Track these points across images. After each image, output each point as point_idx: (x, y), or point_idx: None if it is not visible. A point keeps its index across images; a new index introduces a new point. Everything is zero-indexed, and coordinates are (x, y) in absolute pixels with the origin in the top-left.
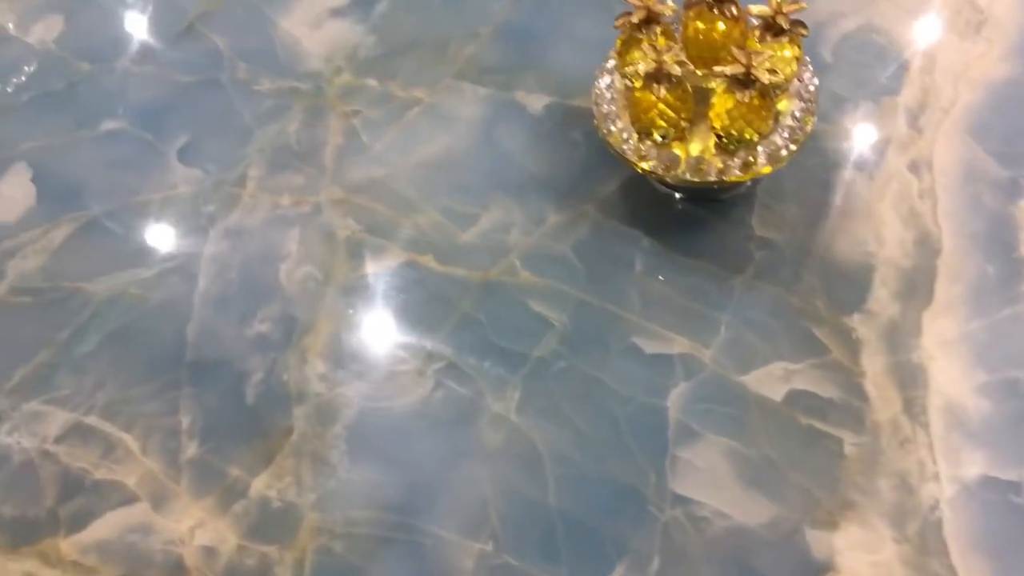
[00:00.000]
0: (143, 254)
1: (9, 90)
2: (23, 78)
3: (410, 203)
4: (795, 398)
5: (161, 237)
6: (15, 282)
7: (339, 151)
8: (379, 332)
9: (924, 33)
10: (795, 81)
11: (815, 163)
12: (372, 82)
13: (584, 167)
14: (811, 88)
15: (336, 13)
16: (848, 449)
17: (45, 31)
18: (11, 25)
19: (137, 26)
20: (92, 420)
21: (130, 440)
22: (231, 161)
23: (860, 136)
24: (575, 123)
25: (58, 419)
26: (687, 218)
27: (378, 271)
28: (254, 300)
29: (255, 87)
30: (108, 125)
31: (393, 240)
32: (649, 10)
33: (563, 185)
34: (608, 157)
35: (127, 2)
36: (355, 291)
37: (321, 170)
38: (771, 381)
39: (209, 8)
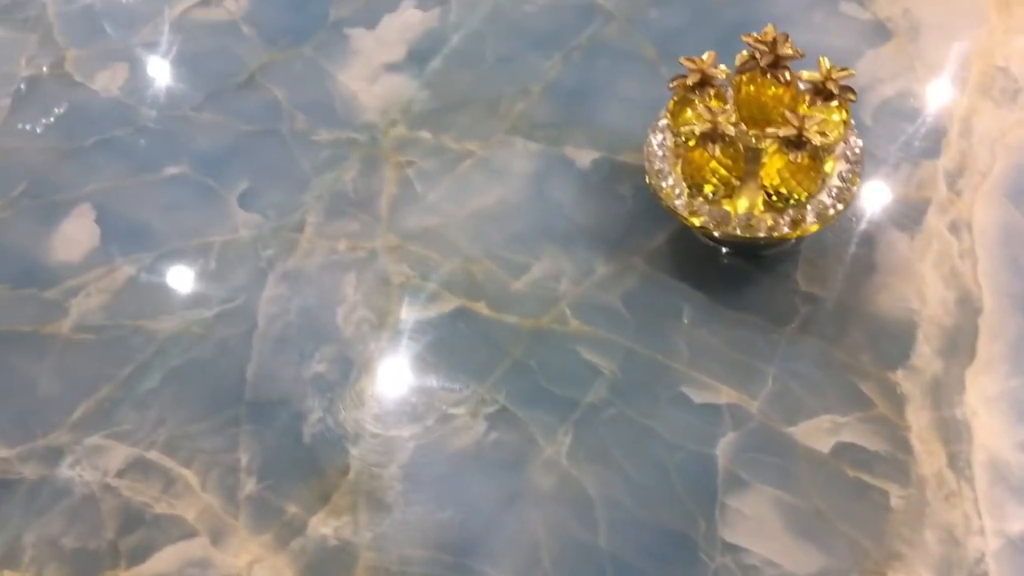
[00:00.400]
0: (204, 295)
1: (75, 135)
2: (89, 123)
3: (463, 252)
4: (842, 450)
5: (222, 279)
6: (78, 320)
7: (394, 200)
8: (433, 375)
9: (961, 100)
10: (841, 143)
11: (858, 222)
12: (426, 135)
13: (631, 220)
14: (856, 150)
15: (392, 68)
16: (895, 501)
17: (110, 79)
18: (77, 73)
19: (200, 76)
20: (153, 455)
21: (190, 476)
22: (290, 207)
23: (901, 198)
24: (622, 178)
25: (120, 453)
26: (733, 272)
27: (432, 316)
28: (311, 342)
29: (313, 137)
30: (171, 170)
31: (447, 287)
32: (703, 73)
33: (611, 237)
34: (655, 211)
35: (190, 53)
36: (409, 335)
37: (376, 218)
38: (818, 433)
39: (269, 61)
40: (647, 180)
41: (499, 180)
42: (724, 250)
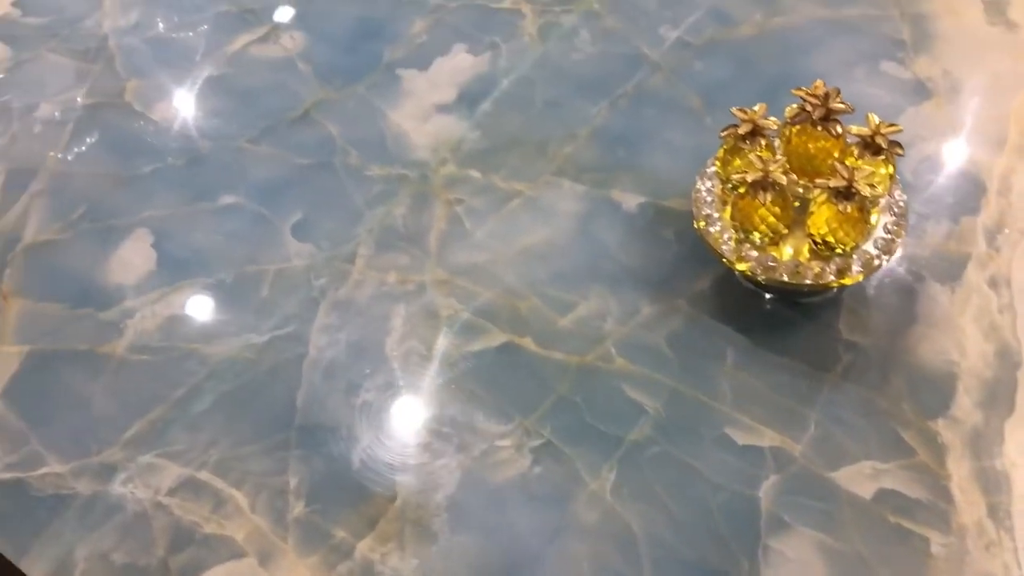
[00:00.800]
0: (256, 321)
1: (133, 162)
2: (147, 151)
3: (510, 288)
4: (884, 497)
5: (274, 306)
6: (133, 341)
7: (443, 235)
8: (479, 407)
9: (999, 159)
10: (887, 196)
11: (899, 274)
12: (475, 174)
13: (676, 263)
14: (901, 204)
15: (442, 109)
16: (935, 549)
17: (169, 109)
18: (137, 102)
19: (256, 110)
20: (204, 475)
21: (240, 497)
22: (342, 239)
23: (941, 252)
24: (667, 222)
25: (172, 472)
26: (775, 317)
27: (479, 349)
28: (361, 370)
29: (365, 172)
30: (226, 199)
31: (494, 321)
32: (754, 123)
33: (656, 279)
34: (699, 255)
35: (247, 88)
36: (457, 367)
37: (426, 252)
38: (860, 479)
39: (324, 98)
40: (695, 225)
41: (546, 220)
42: (767, 296)
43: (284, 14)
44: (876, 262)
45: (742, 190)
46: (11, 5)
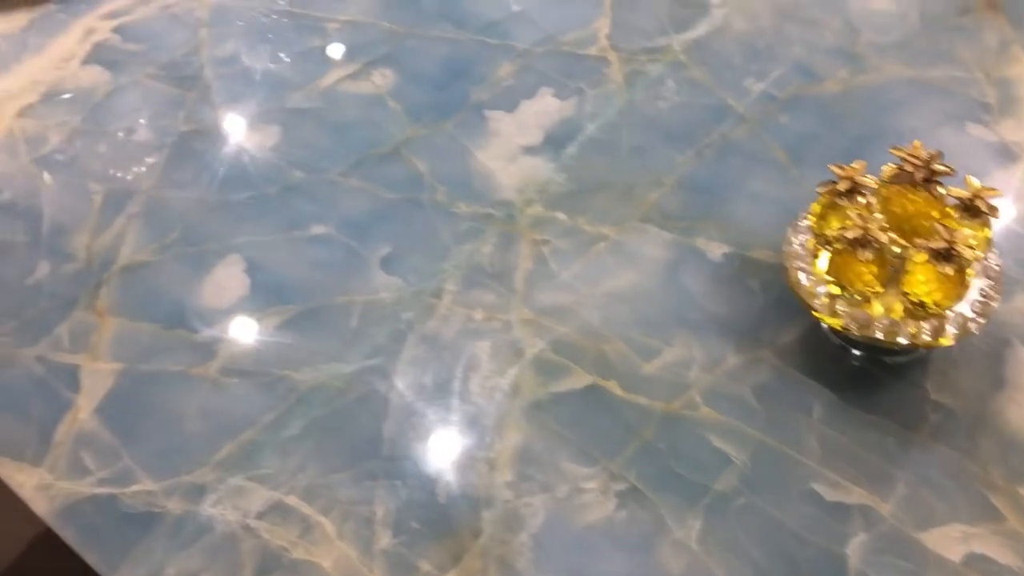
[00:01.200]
0: (345, 351)
1: (227, 189)
2: (240, 180)
3: (596, 330)
4: (973, 561)
5: (362, 337)
6: (225, 363)
7: (529, 275)
8: (564, 448)
9: None
10: (983, 259)
11: (989, 337)
12: (561, 216)
13: (762, 314)
14: (996, 267)
15: (529, 151)
16: None
17: (263, 139)
18: (231, 131)
19: (347, 144)
20: (292, 500)
21: (327, 524)
22: (429, 274)
23: None
24: (753, 273)
25: (260, 496)
26: (863, 374)
27: (564, 390)
28: (446, 405)
29: (453, 209)
30: (317, 229)
31: (579, 363)
32: (853, 181)
33: (741, 329)
34: (786, 307)
35: (338, 122)
36: (542, 407)
37: (512, 291)
38: (949, 542)
39: (413, 135)
40: (787, 277)
41: (632, 264)
42: (855, 352)
43: (375, 52)
44: (971, 325)
45: (840, 246)
46: (111, 31)
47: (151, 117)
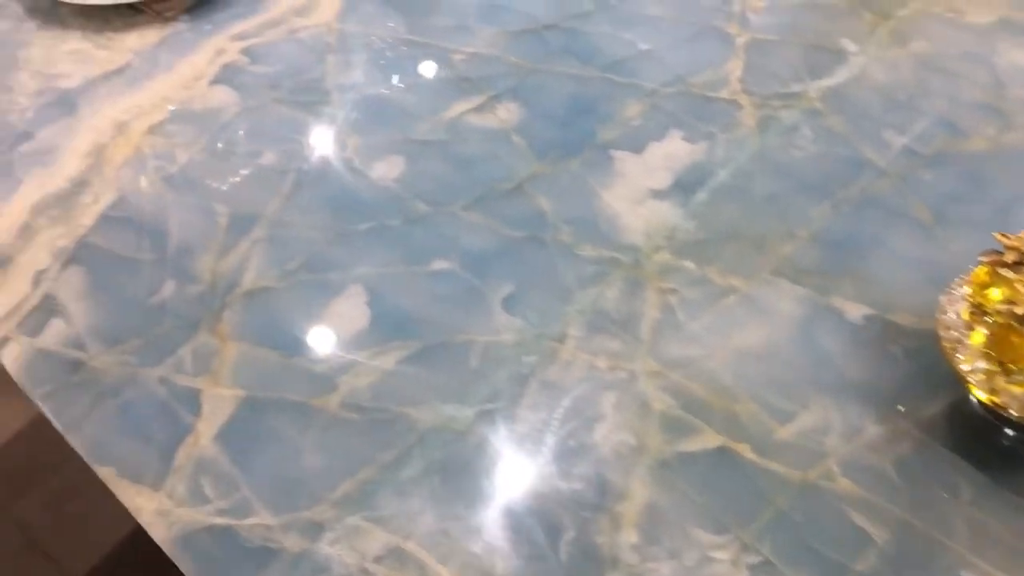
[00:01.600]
0: (465, 392)
1: (350, 218)
2: (363, 209)
3: (726, 388)
4: None
5: (483, 378)
6: (346, 397)
7: (656, 325)
8: (693, 512)
9: None
10: None
11: None
12: (690, 264)
13: (904, 383)
14: None
15: (657, 195)
16: None
17: (387, 169)
18: (357, 160)
19: (470, 178)
20: (411, 546)
21: (445, 574)
22: (552, 317)
23: None
24: (895, 337)
25: (378, 539)
26: (1016, 455)
27: (692, 450)
28: (569, 457)
29: (577, 251)
30: (439, 264)
31: (708, 422)
32: (1021, 252)
33: (882, 397)
34: (931, 376)
35: (462, 155)
36: (669, 466)
37: (637, 340)
38: None
39: (537, 172)
40: (940, 348)
41: (764, 320)
42: (1009, 432)
43: (500, 85)
44: None
45: (1002, 320)
46: (240, 52)
47: (277, 141)
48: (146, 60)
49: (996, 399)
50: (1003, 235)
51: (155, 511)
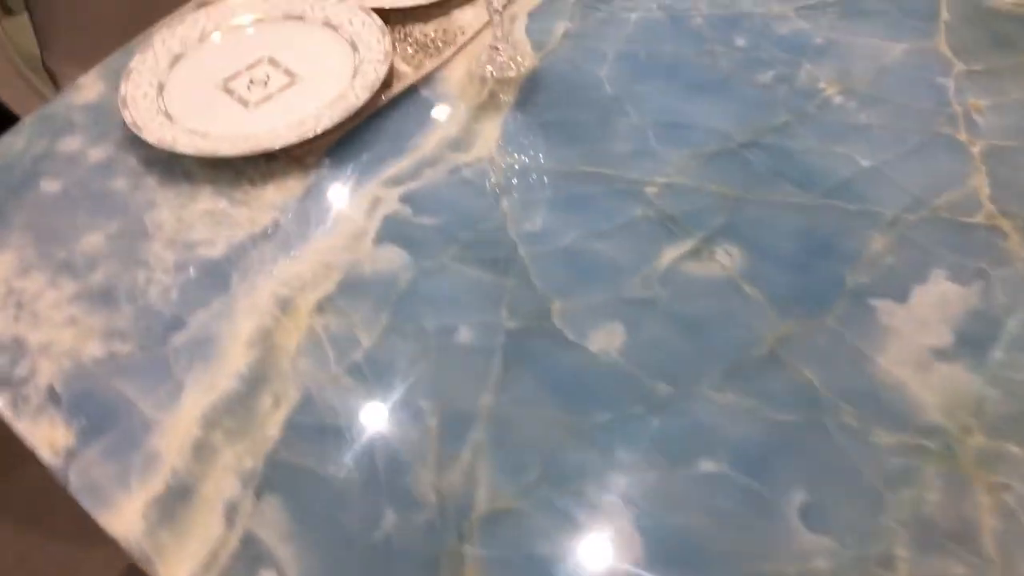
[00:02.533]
0: None
1: (580, 405)
2: (593, 393)
3: None
4: None
5: None
6: None
7: (999, 537)
8: None
9: None
10: None
11: None
12: (1014, 448)
13: None
14: None
15: (941, 355)
16: None
17: (607, 340)
18: (568, 329)
19: (708, 346)
20: None
21: None
22: (867, 532)
23: None
24: None
25: None
26: None
27: None
28: None
29: (869, 439)
30: (706, 465)
31: None
32: None
33: None
34: None
35: (688, 315)
36: None
37: (984, 560)
38: None
39: (787, 332)
40: None
41: None
42: None
43: (710, 222)
44: None
45: None
46: (399, 201)
47: (470, 311)
48: (294, 217)
49: None
50: None
51: None
